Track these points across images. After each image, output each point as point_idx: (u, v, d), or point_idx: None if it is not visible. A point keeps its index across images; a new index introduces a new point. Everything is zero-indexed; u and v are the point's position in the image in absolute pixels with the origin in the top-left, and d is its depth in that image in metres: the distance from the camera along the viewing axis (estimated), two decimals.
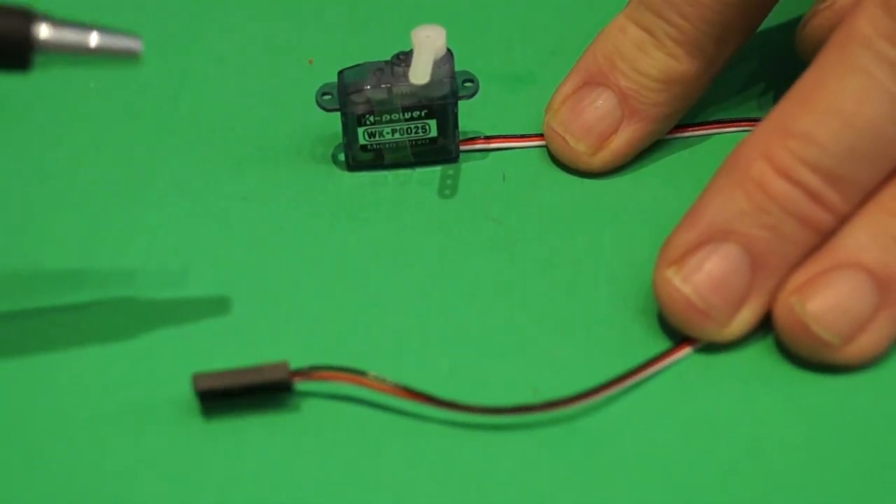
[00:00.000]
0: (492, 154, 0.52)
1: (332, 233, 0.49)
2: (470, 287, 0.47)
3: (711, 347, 0.45)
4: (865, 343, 0.44)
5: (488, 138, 0.52)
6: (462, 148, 0.52)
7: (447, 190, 0.51)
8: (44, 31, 0.40)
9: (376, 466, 0.43)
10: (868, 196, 0.44)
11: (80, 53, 0.40)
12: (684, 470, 0.42)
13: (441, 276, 0.48)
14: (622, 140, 0.50)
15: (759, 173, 0.44)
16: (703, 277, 0.44)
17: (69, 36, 0.40)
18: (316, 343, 0.46)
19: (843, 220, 0.44)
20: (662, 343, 0.45)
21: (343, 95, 0.50)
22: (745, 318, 0.45)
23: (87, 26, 0.40)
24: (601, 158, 0.50)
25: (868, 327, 0.44)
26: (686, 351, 0.45)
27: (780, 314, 0.44)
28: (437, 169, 0.51)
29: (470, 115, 0.52)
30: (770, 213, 0.44)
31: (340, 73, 0.50)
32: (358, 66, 0.50)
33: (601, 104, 0.50)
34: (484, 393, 0.44)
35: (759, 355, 0.45)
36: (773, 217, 0.44)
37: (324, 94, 0.50)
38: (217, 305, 0.47)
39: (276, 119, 0.52)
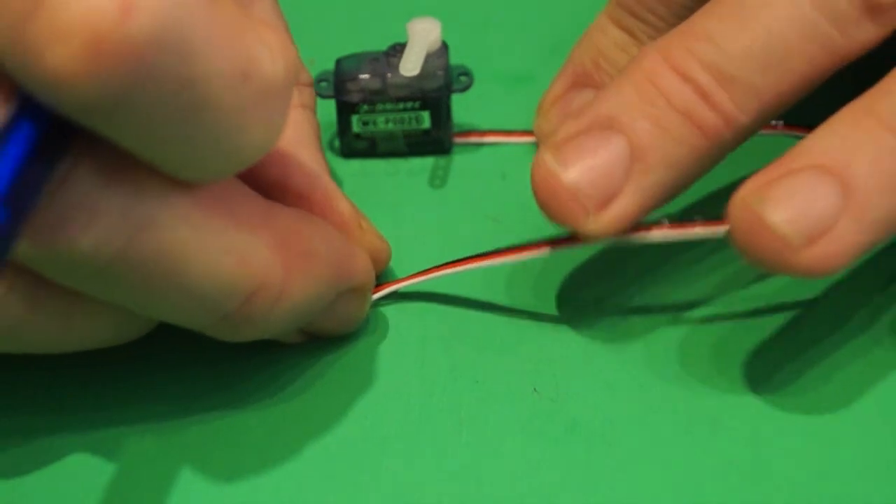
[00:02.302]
0: (491, 153, 0.52)
1: None
2: (468, 286, 0.47)
3: (713, 347, 0.45)
4: (828, 247, 0.40)
5: (482, 132, 0.52)
6: (456, 141, 0.52)
7: (437, 180, 0.51)
8: None
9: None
10: (768, 105, 0.43)
11: None
12: (683, 468, 0.42)
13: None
14: None
15: (650, 67, 0.43)
16: (577, 162, 0.43)
17: None
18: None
19: (732, 129, 0.43)
20: (660, 340, 0.45)
21: (338, 83, 0.50)
22: (617, 211, 0.43)
23: None
24: None
25: (832, 230, 0.41)
26: (543, 250, 0.44)
27: (736, 213, 0.41)
28: (430, 160, 0.52)
29: (469, 114, 0.52)
30: (655, 105, 0.43)
31: (338, 61, 0.50)
32: (356, 55, 0.50)
33: None
34: (483, 391, 0.44)
35: (760, 354, 0.45)
36: (657, 109, 0.43)
37: (320, 80, 0.51)
38: None
39: None
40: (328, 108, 0.51)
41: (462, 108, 0.52)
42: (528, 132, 0.52)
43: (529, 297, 0.47)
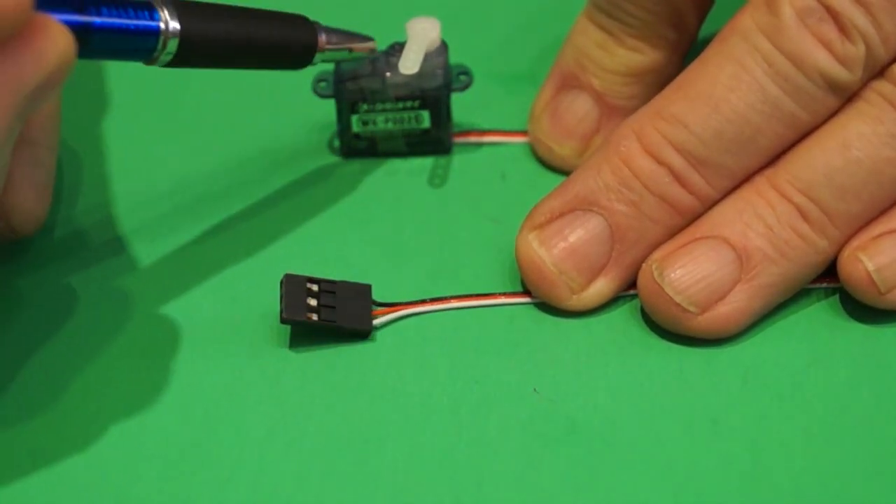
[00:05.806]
0: (490, 152, 0.52)
1: (334, 233, 0.49)
2: (468, 286, 0.47)
3: (713, 347, 0.45)
4: (722, 313, 0.44)
5: (482, 132, 0.52)
6: (456, 140, 0.52)
7: (437, 179, 0.51)
8: (322, 38, 0.48)
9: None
10: (740, 182, 0.45)
11: (339, 54, 0.49)
12: (683, 468, 0.42)
13: (440, 275, 0.48)
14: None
15: (626, 150, 0.45)
16: (560, 244, 0.46)
17: (337, 41, 0.48)
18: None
19: (707, 205, 0.45)
20: (661, 340, 0.45)
21: (338, 83, 0.50)
22: (599, 288, 0.46)
23: (344, 33, 0.49)
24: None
25: (726, 298, 0.44)
26: (522, 299, 0.46)
27: (641, 282, 0.45)
28: (429, 160, 0.52)
29: (468, 113, 0.52)
30: (632, 188, 0.45)
31: (338, 60, 0.50)
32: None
33: (578, 106, 0.50)
34: (483, 392, 0.44)
35: (760, 354, 0.45)
36: (634, 193, 0.45)
37: (320, 80, 0.51)
38: (219, 305, 0.47)
39: (276, 119, 0.53)
40: (328, 108, 0.51)
41: (462, 108, 0.52)
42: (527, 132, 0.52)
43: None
